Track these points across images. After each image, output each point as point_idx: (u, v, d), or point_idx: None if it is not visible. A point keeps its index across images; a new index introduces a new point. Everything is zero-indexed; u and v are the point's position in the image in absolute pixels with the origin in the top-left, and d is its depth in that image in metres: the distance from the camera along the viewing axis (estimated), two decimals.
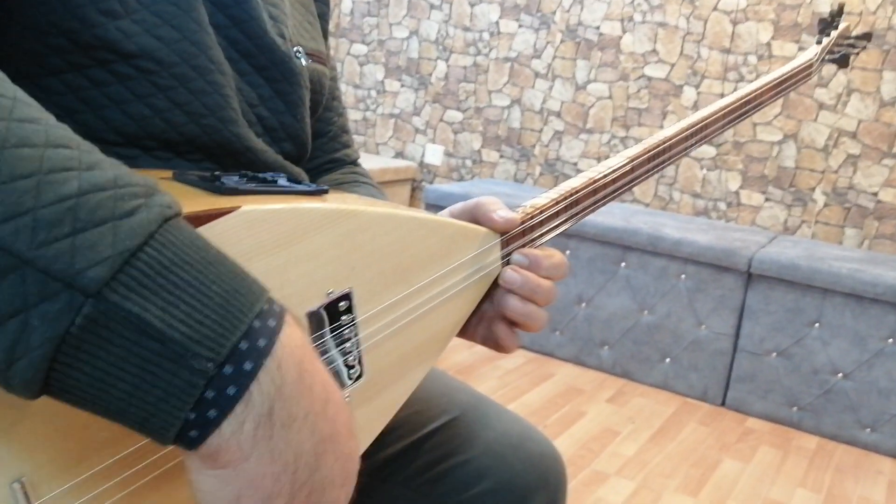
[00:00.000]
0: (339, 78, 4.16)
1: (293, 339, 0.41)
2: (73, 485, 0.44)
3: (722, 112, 0.96)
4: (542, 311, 0.71)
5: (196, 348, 0.37)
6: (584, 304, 2.98)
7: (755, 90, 1.01)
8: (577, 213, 0.80)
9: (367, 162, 3.61)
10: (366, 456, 0.86)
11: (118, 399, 0.37)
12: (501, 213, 0.71)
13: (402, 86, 4.00)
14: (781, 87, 1.08)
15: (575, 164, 3.57)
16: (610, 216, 2.94)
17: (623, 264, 2.90)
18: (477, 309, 0.73)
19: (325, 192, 0.60)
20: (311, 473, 0.41)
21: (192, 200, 0.50)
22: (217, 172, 0.59)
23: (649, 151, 0.87)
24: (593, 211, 0.82)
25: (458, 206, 0.74)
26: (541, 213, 0.75)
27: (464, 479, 0.86)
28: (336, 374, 0.58)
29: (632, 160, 0.85)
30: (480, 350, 3.07)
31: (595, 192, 0.81)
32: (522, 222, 0.73)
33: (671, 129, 0.90)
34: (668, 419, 2.65)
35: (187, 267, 0.38)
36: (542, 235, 0.76)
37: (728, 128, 0.96)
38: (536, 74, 3.63)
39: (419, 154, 4.01)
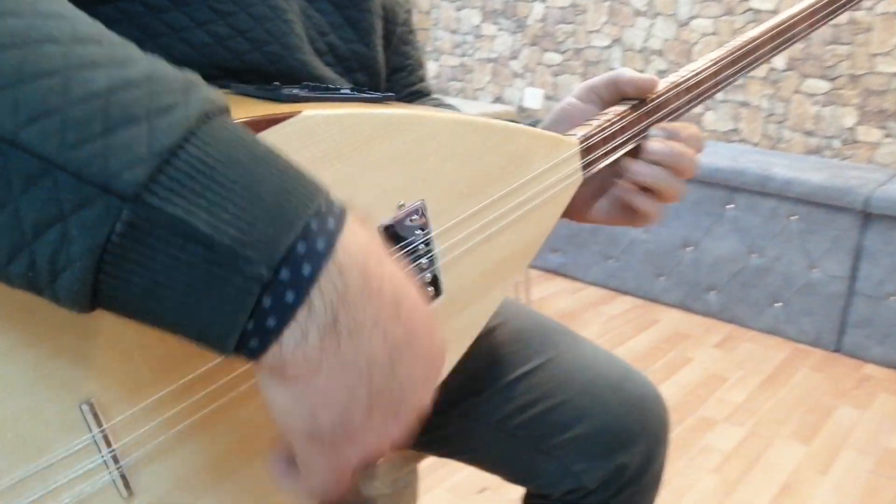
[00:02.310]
0: (436, 25, 4.12)
1: (356, 240, 0.37)
2: (143, 407, 0.43)
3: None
4: (682, 182, 0.72)
5: (247, 252, 0.34)
6: (689, 248, 2.90)
7: None
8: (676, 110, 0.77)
9: (465, 108, 3.58)
10: (457, 397, 0.87)
11: (172, 309, 0.35)
12: (645, 75, 0.72)
13: (500, 29, 3.94)
14: None
15: None
16: (716, 156, 2.84)
17: (730, 206, 2.80)
18: (604, 189, 0.74)
19: (391, 98, 0.58)
20: (388, 379, 0.38)
21: (250, 108, 0.48)
22: (277, 83, 0.57)
23: (734, 52, 0.81)
24: (696, 104, 0.80)
25: (596, 80, 0.74)
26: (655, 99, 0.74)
27: (559, 421, 0.85)
28: None
29: (716, 62, 0.80)
30: (584, 296, 3.04)
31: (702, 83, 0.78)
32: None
33: (754, 31, 0.84)
34: (778, 365, 2.57)
35: (234, 165, 0.35)
36: (632, 139, 0.74)
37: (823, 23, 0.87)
38: (637, 12, 3.50)
39: (518, 98, 3.95)
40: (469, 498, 1.79)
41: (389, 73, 0.87)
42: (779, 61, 3.15)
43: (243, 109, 0.46)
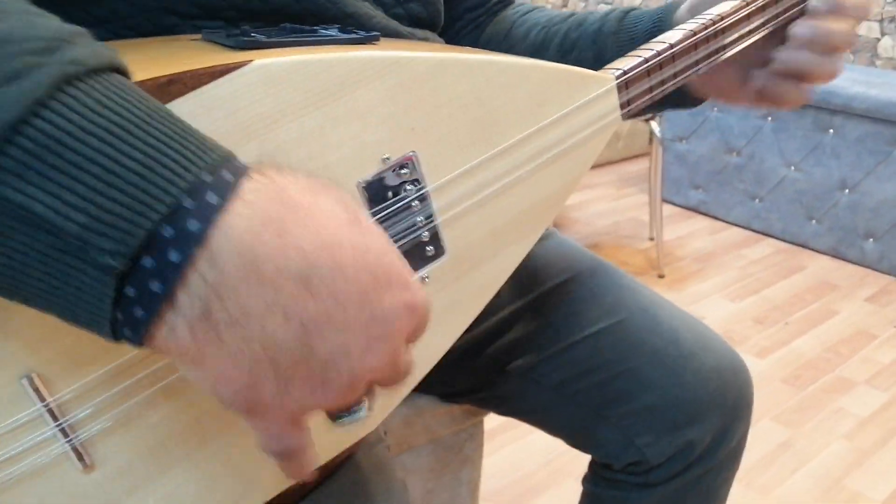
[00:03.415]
0: None
1: (248, 218, 0.32)
2: (94, 378, 0.42)
3: None
4: (836, 59, 0.65)
5: (97, 241, 0.31)
6: (847, 191, 2.64)
7: None
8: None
9: None
10: (515, 356, 0.81)
11: (38, 295, 0.33)
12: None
13: None
14: None
15: None
16: (886, 88, 2.54)
17: None
18: (746, 66, 0.67)
19: (376, 38, 0.51)
20: (302, 356, 0.34)
21: (196, 59, 0.43)
22: (247, 27, 0.52)
23: None
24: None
25: None
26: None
27: (623, 389, 0.78)
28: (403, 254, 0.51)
29: None
30: (724, 237, 2.87)
31: None
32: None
33: None
34: None
35: (92, 138, 0.31)
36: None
37: None
38: None
39: None
40: None
41: None
42: None
43: (187, 62, 0.42)
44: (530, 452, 1.72)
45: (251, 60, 0.42)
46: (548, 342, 0.81)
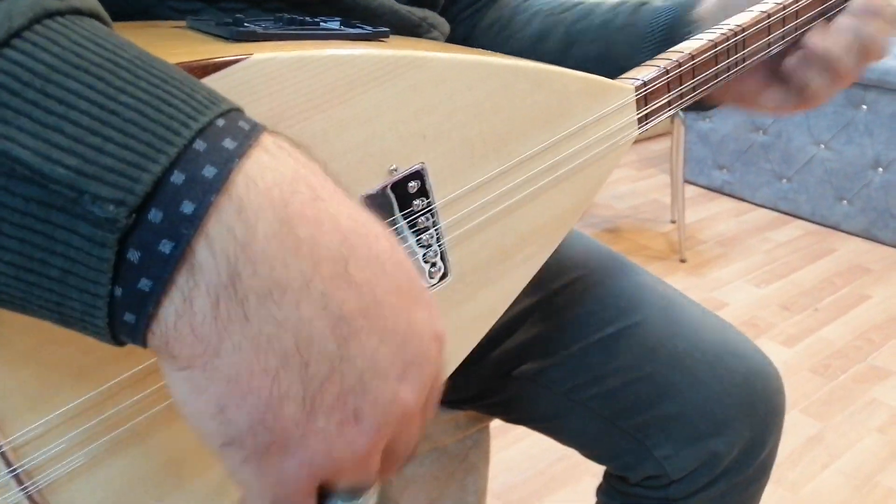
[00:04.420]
0: None
1: (275, 167, 0.27)
2: (52, 418, 0.36)
3: None
4: (861, 66, 0.65)
5: (93, 187, 0.25)
6: (880, 170, 2.53)
7: None
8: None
9: None
10: (523, 359, 0.74)
11: (18, 279, 0.26)
12: None
13: None
14: None
15: None
16: None
17: None
18: (776, 71, 0.66)
19: (385, 34, 0.47)
20: (336, 363, 0.27)
21: (189, 49, 0.38)
22: (240, 16, 0.46)
23: None
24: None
25: None
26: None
27: (640, 397, 0.71)
28: None
29: None
30: (749, 219, 2.78)
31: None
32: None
33: None
34: None
35: (79, 73, 0.26)
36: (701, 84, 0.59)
37: None
38: None
39: None
40: None
41: None
42: None
43: (178, 53, 0.37)
44: (546, 447, 1.66)
45: (251, 54, 0.37)
46: (557, 345, 0.74)
